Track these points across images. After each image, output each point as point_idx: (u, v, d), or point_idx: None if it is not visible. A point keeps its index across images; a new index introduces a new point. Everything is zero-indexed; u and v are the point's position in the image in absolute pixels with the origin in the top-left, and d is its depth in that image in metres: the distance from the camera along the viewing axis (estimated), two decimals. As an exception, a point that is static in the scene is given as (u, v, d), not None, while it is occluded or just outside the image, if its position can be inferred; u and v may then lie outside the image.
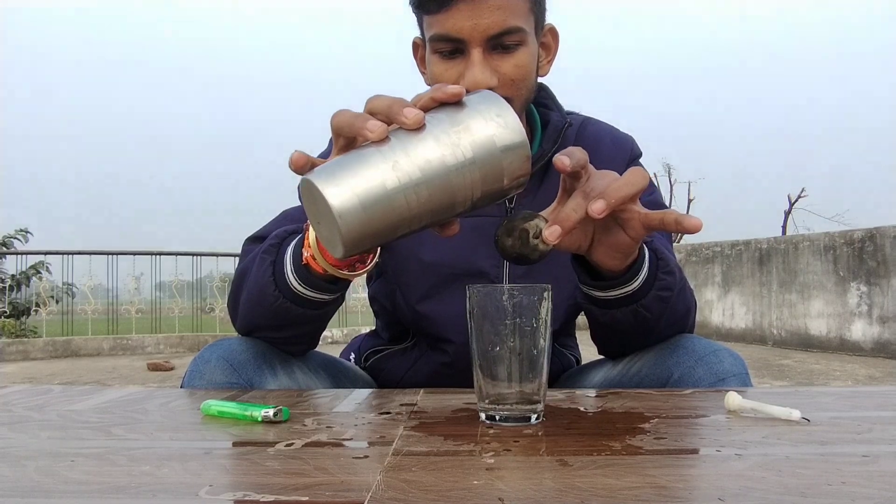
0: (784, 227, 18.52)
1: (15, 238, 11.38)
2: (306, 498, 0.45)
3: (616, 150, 1.08)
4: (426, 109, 0.61)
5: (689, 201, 18.20)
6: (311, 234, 0.78)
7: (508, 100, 0.91)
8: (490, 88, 0.87)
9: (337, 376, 1.04)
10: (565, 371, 1.15)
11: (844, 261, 7.10)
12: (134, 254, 9.20)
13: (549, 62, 1.02)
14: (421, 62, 1.02)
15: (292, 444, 0.59)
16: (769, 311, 8.05)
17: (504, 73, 0.90)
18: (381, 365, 1.12)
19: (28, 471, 0.52)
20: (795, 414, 0.65)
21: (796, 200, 18.73)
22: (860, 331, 6.91)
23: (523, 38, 0.91)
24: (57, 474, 0.51)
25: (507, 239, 0.69)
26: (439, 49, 0.91)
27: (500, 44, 0.89)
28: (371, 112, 0.62)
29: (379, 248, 0.78)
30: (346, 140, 0.63)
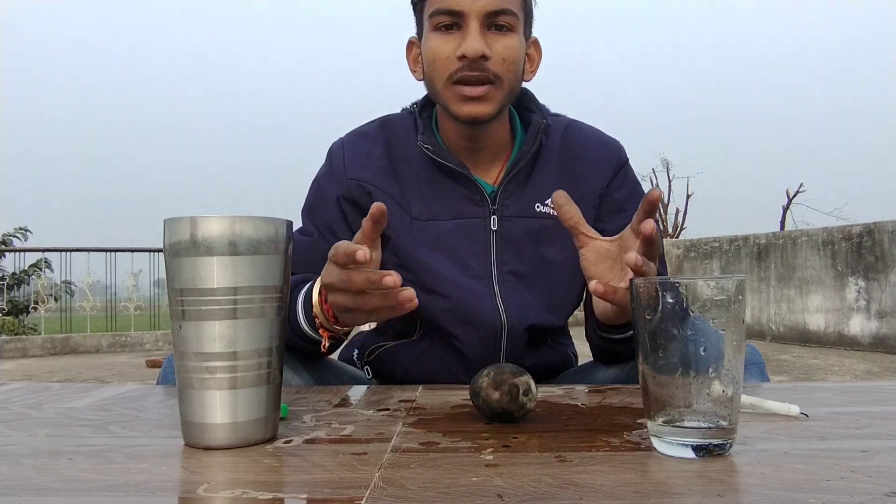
0: (782, 222, 18.49)
1: (14, 236, 11.37)
2: (305, 495, 0.45)
3: (603, 155, 1.10)
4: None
5: (688, 196, 18.19)
6: (315, 297, 0.84)
7: (497, 78, 0.97)
8: (482, 57, 0.95)
9: (321, 371, 1.05)
10: (565, 367, 1.15)
11: (843, 256, 7.11)
12: (132, 251, 9.19)
13: (533, 72, 1.09)
14: (414, 62, 1.07)
15: (291, 440, 0.59)
16: (767, 307, 8.06)
17: (497, 51, 0.97)
18: (384, 357, 1.12)
19: (25, 469, 0.52)
20: (794, 409, 0.65)
21: (795, 195, 18.69)
22: (858, 326, 6.93)
23: (515, 24, 0.98)
24: (55, 472, 0.51)
25: (494, 392, 0.64)
26: (438, 23, 0.97)
27: (494, 23, 0.97)
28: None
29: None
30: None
